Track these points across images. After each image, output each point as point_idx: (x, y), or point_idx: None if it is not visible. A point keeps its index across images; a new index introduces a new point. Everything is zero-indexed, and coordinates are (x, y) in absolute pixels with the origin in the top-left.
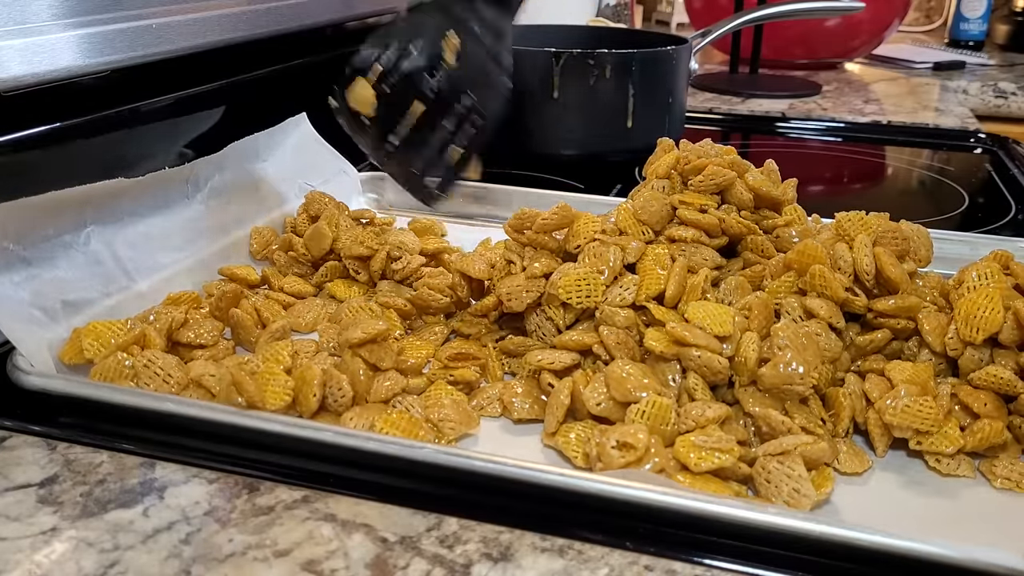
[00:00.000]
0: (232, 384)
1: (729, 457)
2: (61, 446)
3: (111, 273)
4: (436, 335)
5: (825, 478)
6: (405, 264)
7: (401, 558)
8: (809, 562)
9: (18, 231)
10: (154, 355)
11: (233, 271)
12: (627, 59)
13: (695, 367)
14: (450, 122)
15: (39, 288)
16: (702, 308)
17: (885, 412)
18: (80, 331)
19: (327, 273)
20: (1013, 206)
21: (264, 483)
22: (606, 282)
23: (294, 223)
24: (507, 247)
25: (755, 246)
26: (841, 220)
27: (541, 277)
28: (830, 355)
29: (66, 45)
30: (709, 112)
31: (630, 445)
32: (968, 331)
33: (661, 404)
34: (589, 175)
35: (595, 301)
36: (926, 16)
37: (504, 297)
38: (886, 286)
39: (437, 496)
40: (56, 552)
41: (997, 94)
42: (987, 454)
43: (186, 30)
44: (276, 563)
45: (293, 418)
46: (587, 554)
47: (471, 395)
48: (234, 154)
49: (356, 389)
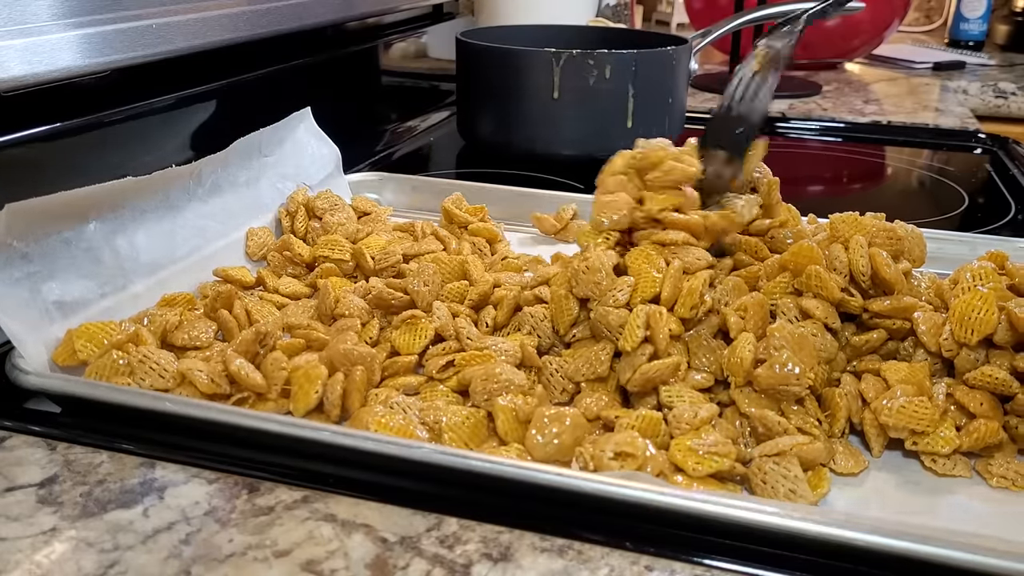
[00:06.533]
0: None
1: (727, 460)
2: (61, 446)
3: (109, 273)
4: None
5: (821, 479)
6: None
7: (401, 558)
8: (808, 562)
9: (24, 230)
10: (149, 351)
11: (227, 272)
12: (627, 59)
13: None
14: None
15: (39, 287)
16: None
17: (881, 412)
18: (73, 332)
19: (322, 274)
20: (1013, 206)
21: (264, 483)
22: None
23: (291, 223)
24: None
25: (747, 247)
26: (835, 221)
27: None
28: (826, 355)
29: (66, 45)
30: (709, 112)
31: (628, 454)
32: (963, 332)
33: (650, 417)
34: (589, 175)
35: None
36: (926, 16)
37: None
38: (881, 287)
39: (437, 496)
40: (56, 552)
41: (997, 94)
42: (983, 454)
43: (186, 30)
44: (276, 563)
45: (286, 418)
46: (587, 554)
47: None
48: (238, 150)
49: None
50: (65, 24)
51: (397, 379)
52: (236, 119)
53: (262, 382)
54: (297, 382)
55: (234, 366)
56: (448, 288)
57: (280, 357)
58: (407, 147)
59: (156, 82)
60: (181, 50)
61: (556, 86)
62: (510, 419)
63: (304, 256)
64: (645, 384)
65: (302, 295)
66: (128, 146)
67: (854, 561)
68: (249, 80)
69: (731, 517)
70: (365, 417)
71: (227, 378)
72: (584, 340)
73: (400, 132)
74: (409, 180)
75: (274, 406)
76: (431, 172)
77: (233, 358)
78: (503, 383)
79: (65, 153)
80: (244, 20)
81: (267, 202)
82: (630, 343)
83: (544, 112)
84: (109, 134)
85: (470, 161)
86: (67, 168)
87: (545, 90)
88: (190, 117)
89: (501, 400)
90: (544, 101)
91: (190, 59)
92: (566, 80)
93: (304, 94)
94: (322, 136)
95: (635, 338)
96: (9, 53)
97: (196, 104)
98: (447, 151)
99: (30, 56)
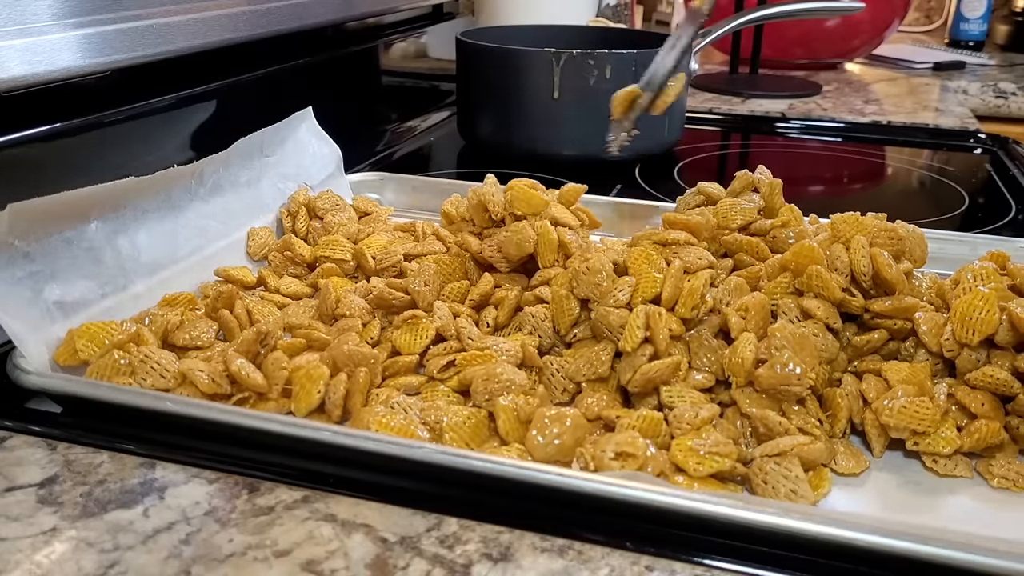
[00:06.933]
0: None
1: (728, 460)
2: (61, 446)
3: (110, 273)
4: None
5: (822, 479)
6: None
7: (401, 558)
8: (808, 562)
9: (26, 230)
10: (150, 351)
11: (229, 272)
12: (627, 59)
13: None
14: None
15: (40, 286)
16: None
17: (882, 413)
18: (74, 332)
19: (323, 274)
20: (1013, 206)
21: (264, 483)
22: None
23: (293, 223)
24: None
25: (749, 247)
26: (836, 221)
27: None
28: (827, 356)
29: (66, 45)
30: (709, 112)
31: (629, 454)
32: (964, 333)
33: (651, 417)
34: (589, 175)
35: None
36: (926, 16)
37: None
38: (883, 287)
39: (437, 496)
40: (56, 552)
41: (997, 94)
42: (984, 454)
43: (186, 30)
44: (276, 563)
45: (287, 418)
46: (587, 554)
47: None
48: (239, 150)
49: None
50: (65, 24)
51: (398, 379)
52: (236, 119)
53: (263, 382)
54: (299, 382)
55: (235, 366)
56: (449, 288)
57: (281, 357)
58: (407, 147)
59: (156, 82)
60: (181, 50)
61: (556, 86)
62: (511, 419)
63: (305, 256)
64: (646, 385)
65: (303, 295)
66: (128, 146)
67: (855, 561)
68: (249, 80)
69: (732, 517)
70: (366, 417)
71: (228, 378)
72: (585, 340)
73: (400, 132)
74: (410, 180)
75: (275, 406)
76: (431, 172)
77: (234, 358)
78: (504, 383)
79: (65, 153)
80: (244, 20)
81: (268, 202)
82: (630, 344)
83: (544, 112)
84: (109, 134)
85: (470, 161)
86: (67, 168)
87: (545, 90)
88: (190, 117)
89: (502, 400)
90: (544, 101)
91: (190, 59)
92: (566, 80)
93: (304, 94)
94: (323, 136)
95: (635, 339)
96: (9, 53)
97: (196, 104)
98: (447, 151)
99: (30, 56)
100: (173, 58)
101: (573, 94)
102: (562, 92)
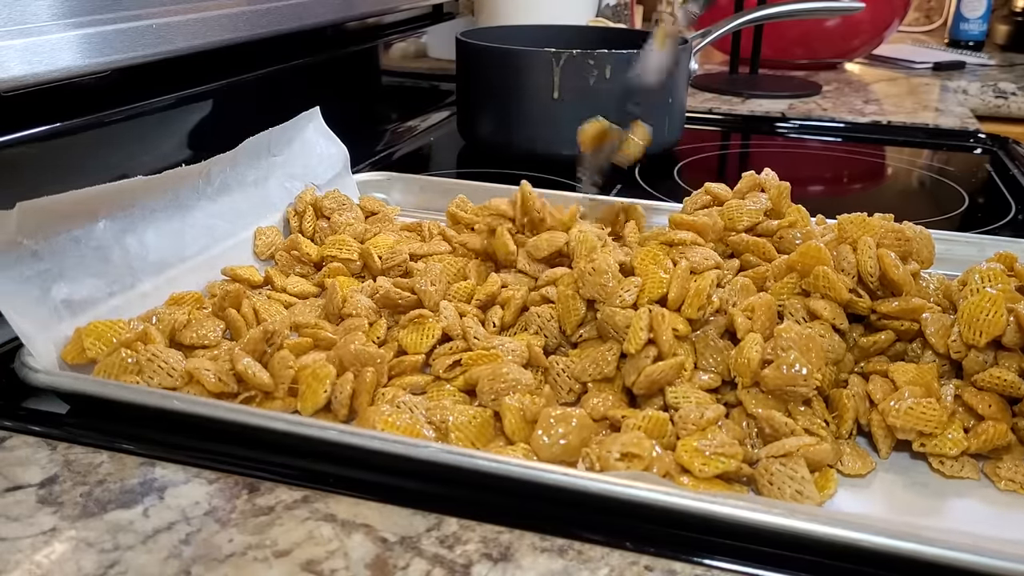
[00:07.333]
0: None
1: (734, 461)
2: (61, 446)
3: (118, 272)
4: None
5: (828, 480)
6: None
7: (401, 558)
8: (811, 563)
9: (34, 228)
10: (157, 349)
11: (236, 271)
12: (627, 59)
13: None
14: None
15: (48, 285)
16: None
17: (889, 414)
18: (81, 330)
19: (329, 273)
20: (1013, 206)
21: (264, 483)
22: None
23: (300, 223)
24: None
25: (756, 248)
26: (843, 222)
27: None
28: (834, 356)
29: (66, 45)
30: (709, 112)
31: (634, 454)
32: (971, 334)
33: (657, 417)
34: None
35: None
36: (926, 16)
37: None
38: (890, 288)
39: (437, 496)
40: (56, 552)
41: (997, 94)
42: (991, 456)
43: (186, 30)
44: (276, 563)
45: (294, 417)
46: (587, 554)
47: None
48: (247, 150)
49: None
50: (65, 24)
51: (404, 378)
52: (236, 119)
53: (269, 381)
54: (305, 381)
55: (241, 365)
56: (455, 288)
57: (287, 356)
58: (407, 147)
59: (156, 82)
60: (181, 50)
61: (556, 86)
62: (517, 419)
63: (312, 255)
64: (650, 386)
65: (310, 294)
66: (128, 146)
67: (860, 562)
68: (249, 80)
69: (737, 518)
70: (372, 416)
71: (235, 377)
72: (591, 340)
73: (400, 132)
74: (417, 180)
75: (281, 405)
76: (432, 172)
77: (240, 357)
78: (510, 383)
79: (65, 153)
80: (244, 20)
81: (275, 201)
82: (634, 346)
83: (544, 112)
84: (109, 134)
85: (470, 161)
86: (67, 168)
87: (545, 90)
88: (190, 117)
89: (508, 400)
90: (544, 101)
91: (190, 59)
92: (566, 80)
93: (304, 94)
94: (331, 136)
95: (639, 340)
96: (9, 53)
97: (196, 104)
98: (447, 151)
99: (30, 56)
100: (173, 58)
101: (573, 94)
102: (562, 92)
